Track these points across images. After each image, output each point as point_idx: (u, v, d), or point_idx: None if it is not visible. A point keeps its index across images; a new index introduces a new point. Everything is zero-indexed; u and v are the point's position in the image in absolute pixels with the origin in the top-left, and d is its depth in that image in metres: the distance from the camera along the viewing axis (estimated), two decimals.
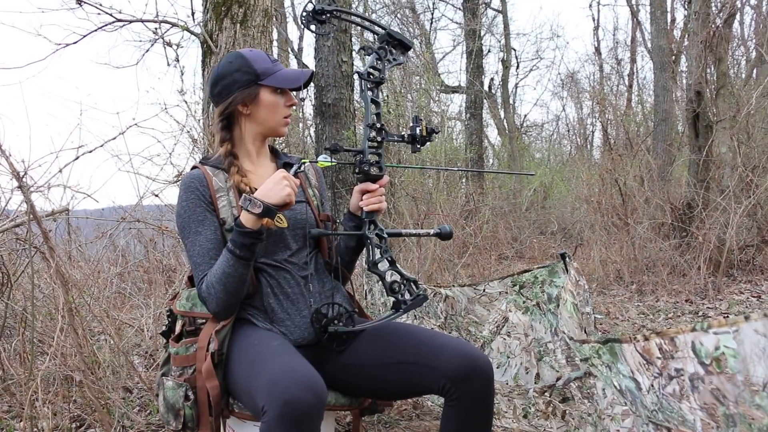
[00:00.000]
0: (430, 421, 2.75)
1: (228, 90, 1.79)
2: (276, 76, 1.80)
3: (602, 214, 7.03)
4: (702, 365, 1.31)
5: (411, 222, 6.20)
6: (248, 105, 1.80)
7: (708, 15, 6.63)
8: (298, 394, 1.38)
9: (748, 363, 1.19)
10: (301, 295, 1.78)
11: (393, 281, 1.76)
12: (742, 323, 1.19)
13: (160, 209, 4.69)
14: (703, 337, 1.29)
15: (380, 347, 1.75)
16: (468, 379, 1.60)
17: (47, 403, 2.51)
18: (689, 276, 5.56)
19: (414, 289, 1.76)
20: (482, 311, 2.93)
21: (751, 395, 1.20)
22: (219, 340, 1.66)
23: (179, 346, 1.69)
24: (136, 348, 3.60)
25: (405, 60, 1.96)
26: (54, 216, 2.79)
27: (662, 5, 9.66)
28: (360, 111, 7.54)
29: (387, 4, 14.15)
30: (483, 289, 2.72)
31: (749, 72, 11.02)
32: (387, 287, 1.73)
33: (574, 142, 14.86)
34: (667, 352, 1.41)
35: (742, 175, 6.02)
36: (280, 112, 1.83)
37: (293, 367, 1.47)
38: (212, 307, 1.68)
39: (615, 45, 17.08)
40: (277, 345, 1.62)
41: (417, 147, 1.86)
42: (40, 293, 3.17)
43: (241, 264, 1.63)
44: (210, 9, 2.79)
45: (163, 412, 1.70)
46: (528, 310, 2.70)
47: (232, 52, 1.87)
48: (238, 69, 1.79)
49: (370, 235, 1.76)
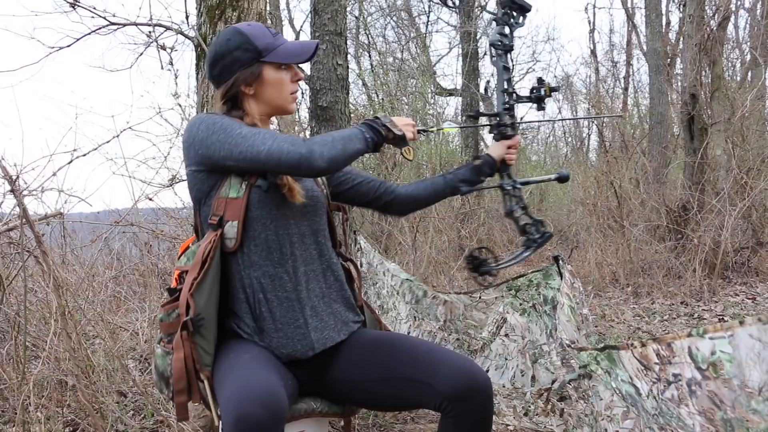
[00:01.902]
0: (425, 425, 2.75)
1: (228, 70, 1.68)
2: (279, 51, 1.69)
3: (598, 217, 7.03)
4: (699, 370, 1.31)
5: (406, 224, 6.20)
6: (252, 84, 1.69)
7: (702, 18, 6.65)
8: (250, 410, 1.31)
9: (743, 367, 1.19)
10: (297, 301, 1.64)
11: (525, 224, 2.05)
12: (737, 328, 1.19)
13: (155, 212, 4.69)
14: (699, 342, 1.29)
15: (376, 361, 1.66)
16: (467, 397, 1.52)
17: (40, 408, 2.50)
18: (684, 278, 5.57)
19: (541, 229, 2.06)
20: (480, 316, 2.93)
21: (748, 399, 1.20)
22: (198, 304, 1.54)
23: (164, 311, 1.58)
24: (131, 352, 3.59)
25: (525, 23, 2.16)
26: (47, 220, 2.79)
27: (657, 8, 9.67)
28: (355, 114, 7.54)
29: (383, 7, 14.14)
30: (479, 296, 2.72)
31: (744, 75, 11.04)
32: (520, 229, 2.05)
33: (570, 145, 14.86)
34: (665, 357, 1.41)
35: (737, 177, 6.03)
36: (286, 89, 1.73)
37: (250, 381, 1.40)
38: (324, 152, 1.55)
39: (611, 48, 17.06)
40: (248, 357, 1.53)
41: (542, 105, 2.09)
42: (34, 297, 3.16)
43: (360, 141, 1.61)
44: (204, 12, 2.78)
45: (156, 380, 1.63)
46: (525, 311, 2.70)
47: (229, 28, 1.73)
48: (238, 47, 1.67)
49: (507, 186, 2.06)
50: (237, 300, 1.66)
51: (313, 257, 1.70)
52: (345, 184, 1.91)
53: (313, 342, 1.65)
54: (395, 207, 1.97)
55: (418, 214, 6.21)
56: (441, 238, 6.24)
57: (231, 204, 1.62)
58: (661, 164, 8.11)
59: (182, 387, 1.54)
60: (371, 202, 1.95)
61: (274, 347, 1.63)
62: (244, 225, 1.63)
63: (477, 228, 6.79)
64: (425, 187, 1.97)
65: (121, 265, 4.98)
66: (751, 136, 7.13)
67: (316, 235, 1.72)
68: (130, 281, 4.97)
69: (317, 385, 1.72)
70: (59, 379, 2.66)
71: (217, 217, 1.64)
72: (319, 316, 1.67)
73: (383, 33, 14.33)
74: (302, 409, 1.66)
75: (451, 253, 6.28)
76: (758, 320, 1.14)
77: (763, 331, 1.12)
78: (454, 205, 7.23)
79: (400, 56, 13.05)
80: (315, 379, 1.71)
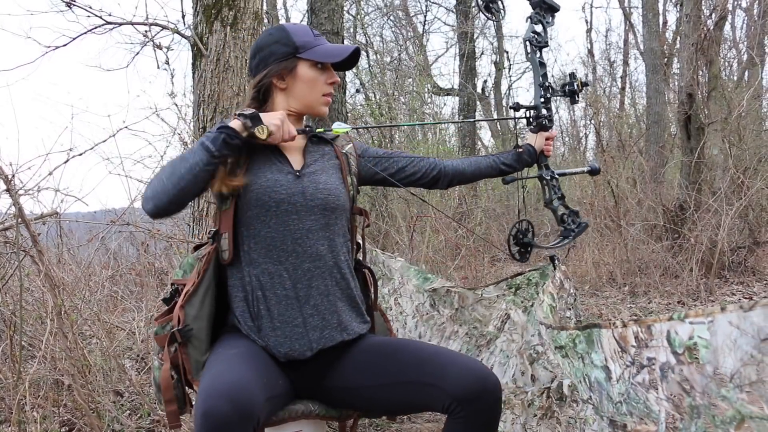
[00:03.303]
0: (422, 424, 2.75)
1: (264, 62, 1.70)
2: (316, 50, 1.71)
3: (595, 216, 7.03)
4: (674, 354, 1.29)
5: (403, 224, 6.20)
6: (285, 78, 1.71)
7: (699, 18, 6.65)
8: (216, 405, 1.28)
9: (718, 354, 1.18)
10: (296, 300, 1.63)
11: (562, 214, 2.18)
12: (717, 314, 1.18)
13: None
14: (679, 326, 1.28)
15: (379, 368, 1.63)
16: (477, 398, 1.50)
17: (36, 408, 2.50)
18: (681, 278, 5.57)
19: (577, 219, 2.19)
20: (484, 312, 2.93)
21: (718, 387, 1.20)
22: (187, 316, 1.56)
23: (158, 324, 1.60)
24: (127, 351, 3.58)
25: (553, 22, 2.32)
26: (43, 219, 2.78)
27: (654, 8, 9.69)
28: (352, 113, 7.54)
29: (380, 7, 14.15)
30: (480, 294, 2.72)
31: (741, 74, 11.07)
32: (558, 218, 2.18)
33: (568, 144, 14.87)
34: (643, 341, 1.40)
35: (734, 176, 6.04)
36: (318, 89, 1.73)
37: (221, 376, 1.38)
38: (147, 193, 1.54)
39: (608, 47, 17.10)
40: (232, 353, 1.52)
41: (576, 99, 2.25)
42: (30, 296, 3.15)
43: (198, 152, 1.53)
44: (200, 12, 2.78)
45: (155, 391, 1.64)
46: (526, 309, 2.70)
47: (276, 25, 1.78)
48: (276, 41, 1.70)
49: (546, 176, 2.18)
50: (236, 299, 1.66)
51: (321, 253, 1.67)
52: (389, 169, 1.93)
53: (311, 341, 1.63)
54: (442, 182, 2.03)
55: (415, 214, 6.22)
56: (438, 237, 6.24)
57: (224, 216, 1.65)
58: (658, 164, 8.13)
59: (170, 397, 1.56)
60: (417, 180, 2.00)
61: (272, 346, 1.62)
62: (234, 235, 1.64)
63: (474, 227, 6.79)
64: (470, 163, 2.07)
65: (118, 265, 4.98)
66: (747, 136, 7.14)
67: (327, 230, 1.69)
68: (127, 281, 4.96)
69: (315, 389, 1.70)
70: (55, 379, 2.65)
71: (213, 231, 1.68)
72: (320, 314, 1.65)
73: (380, 32, 14.36)
74: (299, 410, 1.66)
75: (448, 252, 6.28)
76: (739, 307, 1.13)
77: (743, 319, 1.12)
78: (451, 205, 7.24)
79: (398, 56, 13.07)
80: (313, 383, 1.69)
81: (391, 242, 6.22)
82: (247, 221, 1.63)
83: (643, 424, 1.43)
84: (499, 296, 2.86)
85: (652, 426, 1.40)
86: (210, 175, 1.55)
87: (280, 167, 1.68)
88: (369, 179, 1.93)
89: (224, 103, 2.66)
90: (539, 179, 2.21)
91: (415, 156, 2.00)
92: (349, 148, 1.85)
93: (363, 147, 1.92)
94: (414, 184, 2.00)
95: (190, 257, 1.70)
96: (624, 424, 1.49)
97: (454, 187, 2.16)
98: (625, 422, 1.49)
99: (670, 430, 1.35)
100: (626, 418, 1.49)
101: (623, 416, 1.50)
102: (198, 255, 1.69)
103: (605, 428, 1.57)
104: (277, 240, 1.63)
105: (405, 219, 6.31)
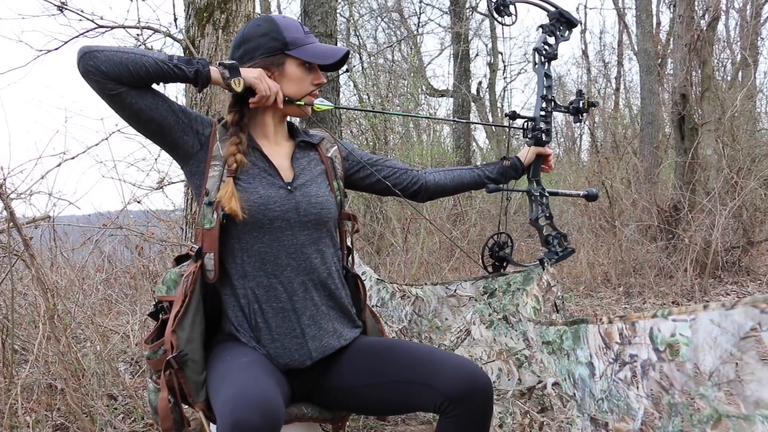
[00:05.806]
0: (416, 426, 2.75)
1: (250, 55, 1.64)
2: (306, 49, 1.65)
3: (589, 217, 7.04)
4: (656, 351, 1.29)
5: (398, 226, 6.20)
6: (272, 74, 1.65)
7: (692, 18, 6.67)
8: (247, 416, 1.29)
9: (698, 352, 1.17)
10: (293, 312, 1.62)
11: (548, 234, 2.08)
12: (700, 312, 1.17)
13: (146, 215, 4.67)
14: (662, 323, 1.27)
15: (373, 367, 1.63)
16: (469, 397, 1.50)
17: (29, 412, 2.49)
18: (676, 278, 5.59)
19: (564, 243, 2.10)
20: (448, 314, 2.86)
21: (697, 385, 1.19)
22: (180, 340, 1.54)
23: (150, 349, 1.58)
24: (121, 355, 3.57)
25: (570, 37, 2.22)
26: (36, 223, 2.77)
27: (648, 9, 9.71)
28: (346, 116, 7.53)
29: (374, 9, 14.15)
30: (455, 290, 2.66)
31: (734, 74, 11.10)
32: (543, 239, 2.07)
33: (562, 145, 14.89)
34: (626, 337, 1.39)
35: (728, 177, 6.06)
36: (304, 89, 1.68)
37: (248, 386, 1.37)
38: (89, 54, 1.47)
39: (602, 48, 17.15)
40: (245, 362, 1.51)
41: (579, 118, 2.13)
42: (23, 300, 3.14)
43: (159, 64, 1.48)
44: (192, 15, 2.78)
45: (151, 413, 1.64)
46: (492, 324, 2.63)
47: (263, 16, 1.69)
48: (265, 33, 1.63)
49: (536, 192, 2.07)
50: (232, 308, 1.64)
51: (315, 266, 1.65)
52: (370, 177, 1.89)
53: (310, 351, 1.63)
54: (422, 195, 2.00)
55: (410, 216, 6.21)
56: (432, 239, 6.24)
57: (207, 235, 1.60)
58: (653, 164, 8.14)
59: (169, 425, 1.56)
60: (398, 191, 1.94)
61: (272, 357, 1.62)
62: (223, 252, 1.61)
63: (468, 229, 6.79)
64: (452, 177, 2.03)
65: (112, 268, 4.96)
66: (741, 136, 7.17)
67: (320, 243, 1.67)
68: (121, 284, 4.95)
69: (311, 392, 1.71)
70: (48, 383, 2.65)
71: (196, 248, 1.63)
72: (317, 324, 1.65)
73: (374, 35, 14.36)
74: (293, 413, 1.66)
75: (442, 254, 6.28)
76: (722, 305, 1.13)
77: (725, 317, 1.11)
78: (446, 206, 7.23)
79: (391, 57, 13.07)
80: (310, 387, 1.70)
81: (385, 244, 6.21)
82: (239, 235, 1.60)
83: (623, 422, 1.43)
84: (471, 299, 2.80)
85: (632, 423, 1.40)
86: (158, 80, 1.52)
87: (272, 181, 1.63)
88: (352, 185, 1.90)
89: (216, 105, 2.66)
90: (527, 194, 2.11)
91: (399, 167, 1.95)
92: (333, 152, 1.81)
93: (349, 148, 1.88)
94: (391, 195, 1.98)
95: (173, 273, 1.65)
96: (606, 422, 1.49)
97: (434, 200, 2.14)
98: (607, 420, 1.49)
99: (648, 428, 1.35)
100: (607, 416, 1.49)
101: (604, 414, 1.50)
102: (180, 271, 1.65)
103: (588, 427, 1.57)
104: (271, 255, 1.61)
105: (399, 221, 6.31)
